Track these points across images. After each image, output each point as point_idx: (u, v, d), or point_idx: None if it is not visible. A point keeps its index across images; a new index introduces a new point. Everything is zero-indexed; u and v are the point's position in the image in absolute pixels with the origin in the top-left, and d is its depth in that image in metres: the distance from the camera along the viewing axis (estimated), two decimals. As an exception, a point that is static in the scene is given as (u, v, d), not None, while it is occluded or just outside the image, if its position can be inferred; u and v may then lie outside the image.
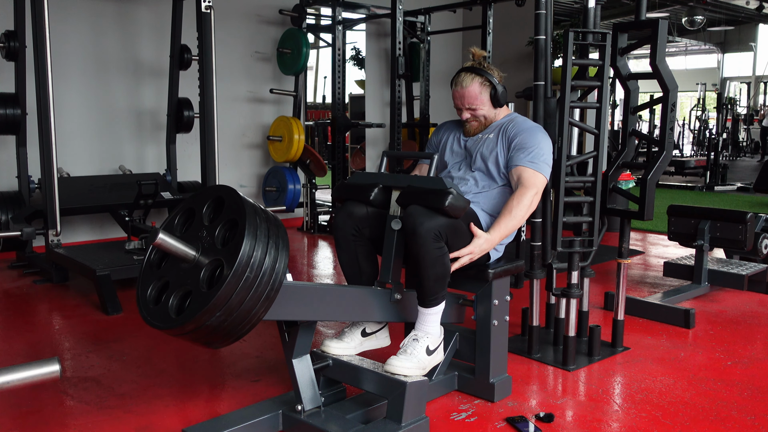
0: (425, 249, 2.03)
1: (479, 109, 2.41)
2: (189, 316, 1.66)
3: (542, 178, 2.32)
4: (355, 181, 2.30)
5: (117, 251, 3.89)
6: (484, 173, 2.39)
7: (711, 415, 2.25)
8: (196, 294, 1.69)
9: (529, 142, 2.33)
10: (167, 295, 1.75)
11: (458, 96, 2.42)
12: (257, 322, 1.78)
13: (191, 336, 1.73)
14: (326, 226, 5.78)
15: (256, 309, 1.73)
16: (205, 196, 1.85)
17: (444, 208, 2.02)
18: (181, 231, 1.86)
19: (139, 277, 1.86)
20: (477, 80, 2.38)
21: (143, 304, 1.79)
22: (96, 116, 5.05)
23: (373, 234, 2.24)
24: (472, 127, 2.46)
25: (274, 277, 1.74)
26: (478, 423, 2.17)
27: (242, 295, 1.68)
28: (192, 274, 1.73)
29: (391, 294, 2.17)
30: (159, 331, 1.73)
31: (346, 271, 2.30)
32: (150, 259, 1.87)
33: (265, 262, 1.70)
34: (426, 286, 2.11)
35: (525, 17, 5.70)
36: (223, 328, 1.72)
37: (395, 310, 2.22)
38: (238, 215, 1.73)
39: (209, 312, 1.65)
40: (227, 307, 1.67)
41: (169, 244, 1.70)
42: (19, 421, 2.18)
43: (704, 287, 3.70)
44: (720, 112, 12.79)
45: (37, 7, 3.65)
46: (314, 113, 11.16)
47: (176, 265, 1.78)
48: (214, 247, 1.74)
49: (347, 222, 2.22)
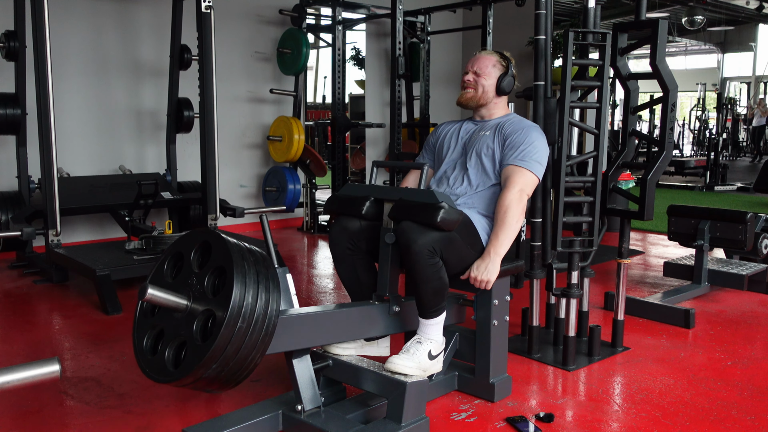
0: (420, 265, 2.03)
1: (483, 77, 2.43)
2: (186, 371, 1.68)
3: (530, 175, 2.30)
4: (346, 193, 2.29)
5: (117, 251, 3.89)
6: (479, 171, 2.38)
7: (711, 415, 2.25)
8: (191, 346, 1.70)
9: (522, 140, 2.32)
10: (163, 346, 1.76)
11: (472, 60, 2.48)
12: (255, 366, 1.80)
13: (191, 386, 1.76)
14: (326, 226, 5.78)
15: (253, 355, 1.75)
16: (192, 241, 1.85)
17: (436, 224, 2.01)
18: (172, 277, 1.86)
19: (134, 327, 1.87)
20: (495, 56, 2.48)
21: (141, 355, 1.81)
22: (96, 116, 5.05)
23: (369, 246, 2.24)
24: (467, 94, 2.45)
25: (267, 322, 1.74)
26: (478, 423, 2.17)
27: (237, 344, 1.69)
28: (186, 324, 1.74)
29: (390, 307, 2.18)
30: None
31: (346, 283, 2.31)
32: (143, 308, 1.88)
33: (256, 308, 1.71)
34: (425, 300, 2.12)
35: (525, 17, 5.69)
36: (221, 378, 1.74)
37: (396, 322, 2.22)
38: (225, 263, 1.73)
39: (205, 365, 1.67)
40: (223, 358, 1.68)
41: (160, 298, 1.71)
42: (19, 421, 2.18)
43: (704, 287, 3.70)
44: (720, 112, 12.80)
45: (37, 7, 3.65)
46: (314, 113, 11.15)
47: (169, 313, 1.79)
48: (205, 296, 1.75)
49: (342, 237, 2.22)
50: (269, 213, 5.41)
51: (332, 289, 4.02)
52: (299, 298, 3.20)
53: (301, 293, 3.82)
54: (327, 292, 3.96)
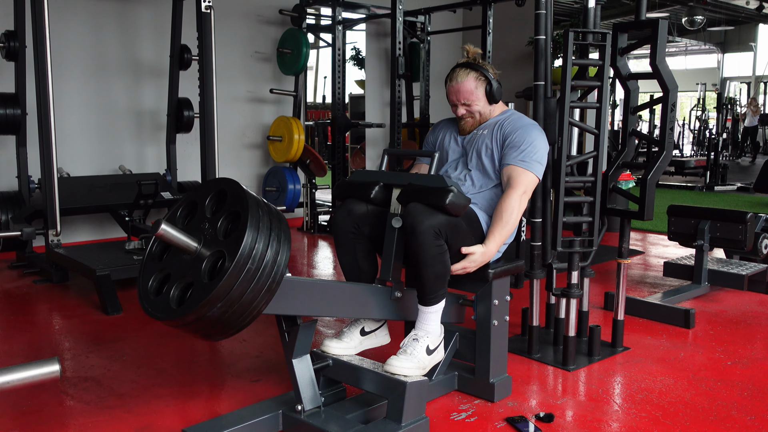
0: (425, 247, 2.03)
1: (474, 104, 2.40)
2: (190, 307, 1.67)
3: (532, 176, 2.30)
4: (355, 179, 2.29)
5: (117, 251, 3.89)
6: (481, 171, 2.38)
7: (711, 415, 2.25)
8: (198, 285, 1.69)
9: (523, 140, 2.31)
10: (168, 287, 1.75)
11: (453, 91, 2.40)
12: (258, 314, 1.78)
13: (192, 327, 1.74)
14: (326, 226, 5.78)
15: (257, 301, 1.74)
16: (208, 189, 1.85)
17: (445, 206, 2.02)
18: (184, 224, 1.86)
19: (140, 269, 1.85)
20: (472, 75, 2.37)
21: (144, 295, 1.79)
22: (96, 116, 5.05)
23: (372, 233, 2.24)
24: (467, 123, 2.44)
25: (275, 270, 1.74)
26: (478, 423, 2.17)
27: (243, 286, 1.68)
28: (193, 266, 1.74)
29: (392, 292, 2.17)
30: (160, 327, 1.74)
31: (345, 269, 2.29)
32: (152, 251, 1.87)
33: (266, 254, 1.71)
34: (426, 284, 2.11)
35: (525, 17, 5.69)
36: (224, 320, 1.72)
37: (395, 308, 2.22)
38: (240, 207, 1.73)
39: (210, 303, 1.66)
40: (228, 298, 1.67)
41: (171, 235, 1.70)
42: (19, 421, 2.18)
43: (704, 287, 3.69)
44: (720, 112, 12.80)
45: (37, 7, 3.65)
46: (314, 113, 11.16)
47: (178, 257, 1.79)
48: (216, 239, 1.75)
49: (347, 220, 2.22)
50: (269, 213, 5.40)
51: (332, 289, 4.02)
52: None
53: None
54: (327, 292, 3.95)
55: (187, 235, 1.75)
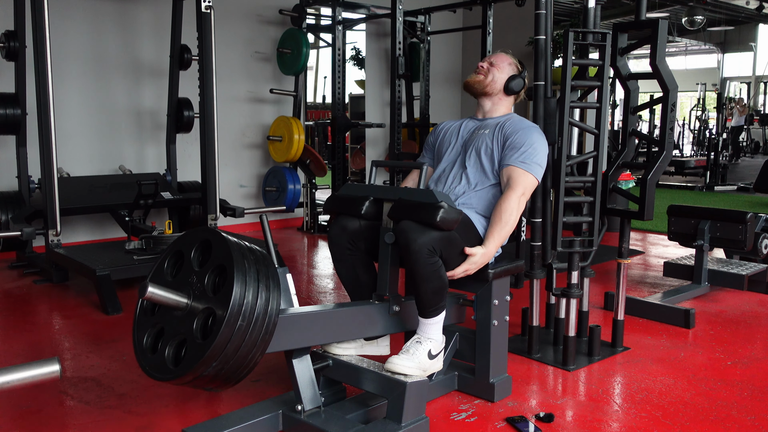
0: (420, 265, 2.03)
1: (497, 69, 2.48)
2: (186, 369, 1.68)
3: (532, 178, 2.31)
4: (345, 193, 2.29)
5: (117, 251, 3.89)
6: (478, 170, 2.38)
7: (711, 415, 2.25)
8: (191, 345, 1.70)
9: (523, 141, 2.32)
10: (163, 344, 1.76)
11: (489, 55, 2.56)
12: (255, 364, 1.80)
13: (191, 385, 1.76)
14: (326, 226, 5.78)
15: (253, 353, 1.75)
16: (192, 239, 1.85)
17: (436, 224, 2.01)
18: (172, 275, 1.86)
19: (134, 325, 1.87)
20: (513, 59, 2.54)
21: (141, 353, 1.81)
22: (96, 116, 5.04)
23: (368, 246, 2.24)
24: (477, 78, 2.49)
25: (267, 320, 1.75)
26: (478, 423, 2.17)
27: (237, 343, 1.69)
28: (186, 322, 1.74)
29: (390, 306, 2.18)
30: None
31: (346, 283, 2.31)
32: (143, 306, 1.88)
33: (257, 306, 1.71)
34: (424, 300, 2.11)
35: (525, 17, 5.69)
36: (221, 376, 1.74)
37: (395, 322, 2.22)
38: (225, 261, 1.73)
39: (205, 363, 1.67)
40: (223, 356, 1.69)
41: (160, 296, 1.71)
42: (19, 421, 2.18)
43: (704, 287, 3.69)
44: (720, 112, 12.79)
45: (37, 7, 3.65)
46: (314, 113, 11.15)
47: (170, 312, 1.79)
48: (206, 295, 1.75)
49: (342, 236, 2.22)
50: (269, 213, 5.41)
51: (332, 289, 4.02)
52: (299, 298, 3.20)
53: (301, 293, 3.82)
54: (327, 292, 3.96)
55: (176, 293, 1.75)
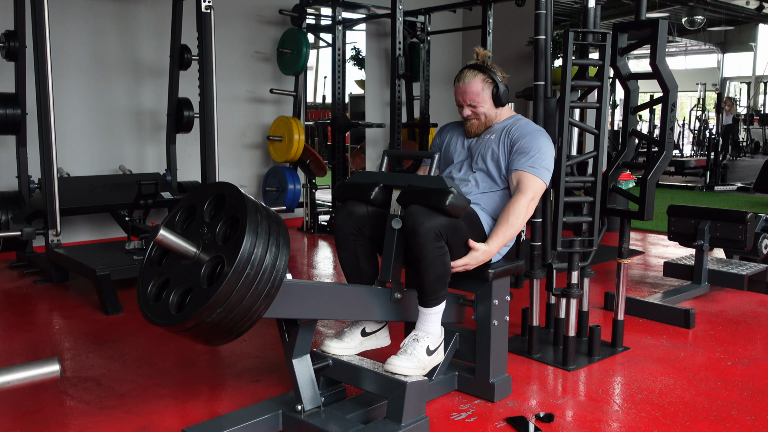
0: (426, 248, 2.03)
1: (480, 106, 2.40)
2: (189, 313, 1.67)
3: (541, 183, 2.31)
4: (355, 180, 2.29)
5: (117, 251, 3.89)
6: (486, 174, 2.38)
7: (711, 415, 2.25)
8: (197, 291, 1.69)
9: (531, 146, 2.32)
10: (168, 292, 1.75)
11: (460, 92, 2.41)
12: (258, 319, 1.78)
13: (191, 332, 1.74)
14: (326, 226, 5.78)
15: (257, 306, 1.73)
16: (207, 193, 1.85)
17: (445, 208, 2.01)
18: (182, 228, 1.86)
19: (139, 274, 1.86)
20: (480, 77, 2.38)
21: (143, 300, 1.79)
22: (96, 116, 5.05)
23: (373, 233, 2.24)
24: (473, 126, 2.45)
25: (274, 275, 1.74)
26: (478, 423, 2.17)
27: (243, 292, 1.68)
28: (193, 271, 1.73)
29: (391, 293, 2.17)
30: (159, 328, 1.74)
31: (346, 270, 2.30)
32: (150, 256, 1.87)
33: (265, 259, 1.71)
34: (426, 286, 2.11)
35: (525, 17, 5.68)
36: (223, 325, 1.72)
37: (395, 310, 2.22)
38: (239, 212, 1.73)
39: (210, 309, 1.65)
40: (228, 303, 1.67)
41: (170, 241, 1.70)
42: (19, 421, 2.18)
43: (704, 287, 3.69)
44: (720, 112, 12.79)
45: (37, 7, 3.65)
46: (314, 113, 11.15)
47: (177, 262, 1.78)
48: (215, 244, 1.74)
49: (347, 221, 2.22)
50: (269, 213, 5.40)
51: (332, 289, 4.02)
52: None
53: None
54: (327, 292, 3.95)
55: (186, 240, 1.74)
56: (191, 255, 1.75)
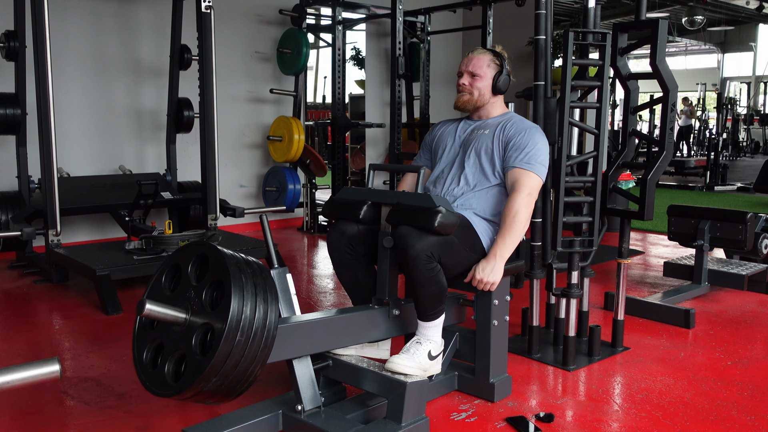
0: (418, 270, 2.03)
1: (479, 79, 2.40)
2: (186, 385, 1.68)
3: (537, 178, 2.31)
4: (344, 197, 2.29)
5: (117, 251, 3.89)
6: (479, 170, 2.37)
7: (711, 415, 2.25)
8: (191, 361, 1.70)
9: (526, 142, 2.31)
10: (162, 360, 1.76)
11: (465, 61, 2.44)
12: (255, 378, 1.80)
13: (191, 400, 1.76)
14: (326, 226, 5.78)
15: (252, 367, 1.76)
16: (189, 253, 1.85)
17: (434, 229, 2.01)
18: (170, 289, 1.86)
19: (133, 340, 1.86)
20: (489, 55, 2.42)
21: (141, 368, 1.81)
22: (96, 116, 5.04)
23: (367, 249, 2.25)
24: (463, 98, 2.44)
25: (266, 334, 1.75)
26: (478, 423, 2.17)
27: (236, 358, 1.69)
28: (185, 338, 1.74)
29: (390, 310, 2.19)
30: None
31: (347, 286, 2.32)
32: (142, 321, 1.87)
33: (255, 320, 1.71)
34: (423, 304, 2.12)
35: (525, 17, 5.69)
36: (221, 391, 1.75)
37: (395, 325, 2.23)
38: (222, 276, 1.73)
39: (205, 379, 1.67)
40: (222, 372, 1.69)
41: (158, 313, 1.71)
42: (19, 421, 2.18)
43: (704, 287, 3.69)
44: (720, 112, 12.79)
45: (37, 7, 3.65)
46: (314, 113, 11.15)
47: (168, 328, 1.79)
48: (204, 310, 1.75)
49: (341, 241, 2.23)
50: (269, 213, 5.41)
51: (332, 289, 4.02)
52: (299, 299, 3.20)
53: (301, 293, 3.82)
54: (327, 292, 3.96)
55: (174, 308, 1.74)
56: (181, 322, 1.75)
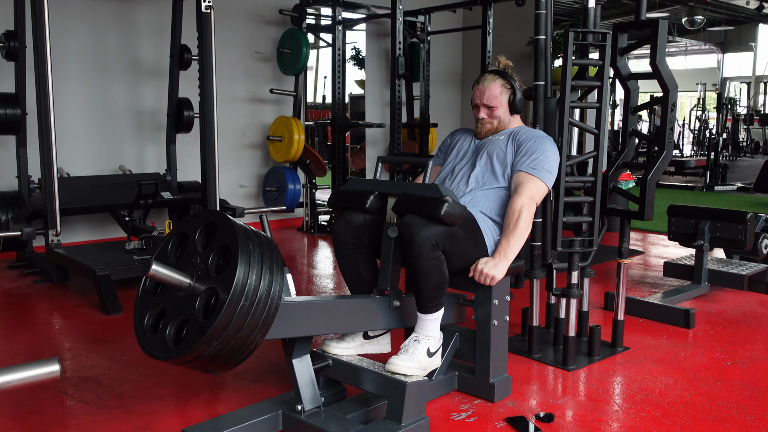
0: (422, 259, 2.04)
1: (496, 109, 2.45)
2: (186, 347, 1.67)
3: (541, 184, 2.33)
4: (350, 188, 2.30)
5: (117, 251, 3.89)
6: (488, 170, 2.41)
7: (711, 415, 2.25)
8: (193, 324, 1.70)
9: (535, 148, 2.35)
10: (164, 324, 1.76)
11: (478, 93, 2.47)
12: (256, 347, 1.79)
13: (190, 365, 1.75)
14: (326, 226, 5.78)
15: (254, 335, 1.74)
16: (197, 221, 1.85)
17: (440, 217, 2.02)
18: (176, 256, 1.86)
19: (135, 305, 1.86)
20: (500, 81, 2.46)
21: (141, 332, 1.80)
22: (96, 116, 5.05)
23: (371, 241, 2.25)
24: (485, 128, 2.49)
25: (269, 303, 1.74)
26: (478, 423, 2.17)
27: (239, 323, 1.69)
28: (188, 302, 1.74)
29: (390, 301, 2.18)
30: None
31: (347, 278, 2.31)
32: (145, 287, 1.87)
33: (260, 288, 1.71)
34: (424, 295, 2.12)
35: (525, 17, 5.70)
36: (221, 356, 1.73)
37: (395, 317, 2.23)
38: (230, 242, 1.73)
39: (206, 342, 1.66)
40: (224, 336, 1.68)
41: (163, 275, 1.70)
42: (19, 421, 2.18)
43: (704, 287, 3.69)
44: (720, 112, 12.80)
45: (37, 7, 3.65)
46: (314, 113, 11.15)
47: (172, 293, 1.78)
48: (209, 275, 1.74)
49: (346, 230, 2.23)
50: (269, 213, 5.41)
51: (332, 289, 4.02)
52: (299, 298, 3.20)
53: (301, 293, 3.82)
54: (327, 292, 3.96)
55: (179, 272, 1.74)
56: (185, 287, 1.75)
